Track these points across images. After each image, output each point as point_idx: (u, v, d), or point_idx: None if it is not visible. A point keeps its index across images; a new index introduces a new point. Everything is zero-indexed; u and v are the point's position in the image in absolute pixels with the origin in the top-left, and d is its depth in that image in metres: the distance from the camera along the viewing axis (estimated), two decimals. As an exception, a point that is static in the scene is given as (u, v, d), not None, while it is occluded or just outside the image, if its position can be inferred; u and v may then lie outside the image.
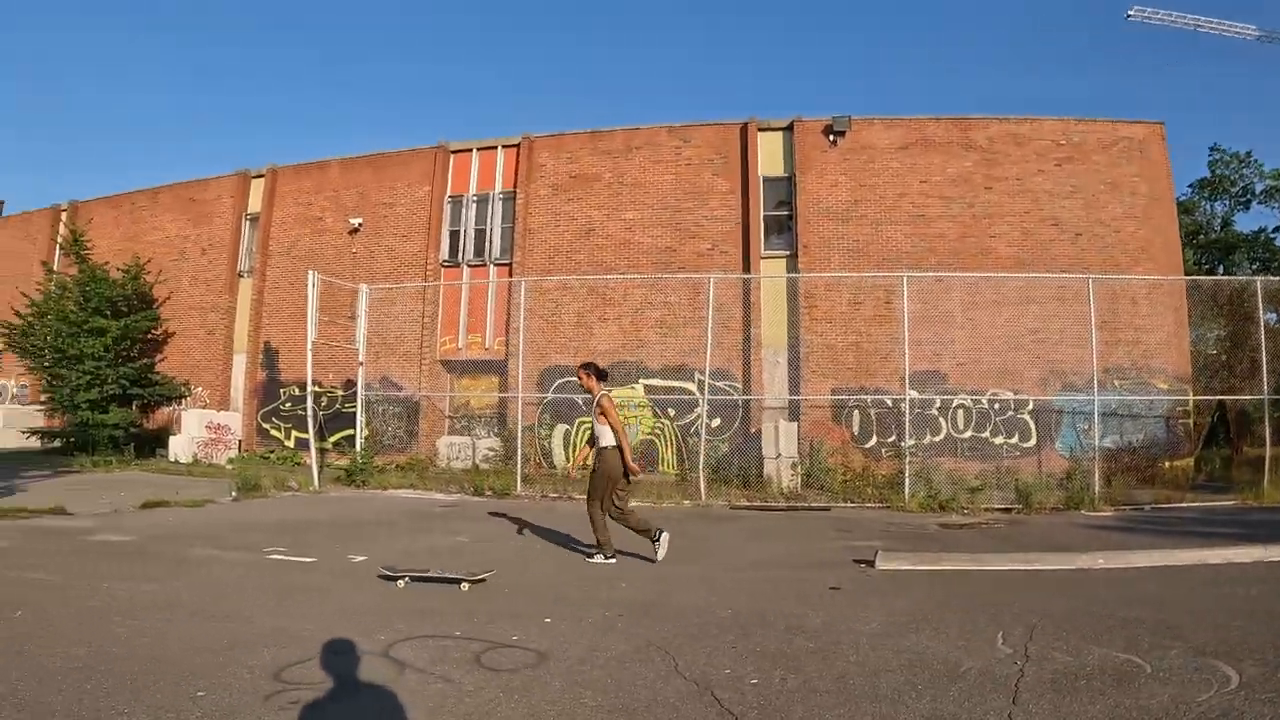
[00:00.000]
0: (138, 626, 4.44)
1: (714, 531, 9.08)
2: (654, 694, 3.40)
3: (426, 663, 3.83)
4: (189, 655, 3.87)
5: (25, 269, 24.49)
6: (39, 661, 3.70)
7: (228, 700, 3.26)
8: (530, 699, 3.34)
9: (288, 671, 3.65)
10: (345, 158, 19.96)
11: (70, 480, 13.86)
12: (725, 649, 4.11)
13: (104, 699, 3.22)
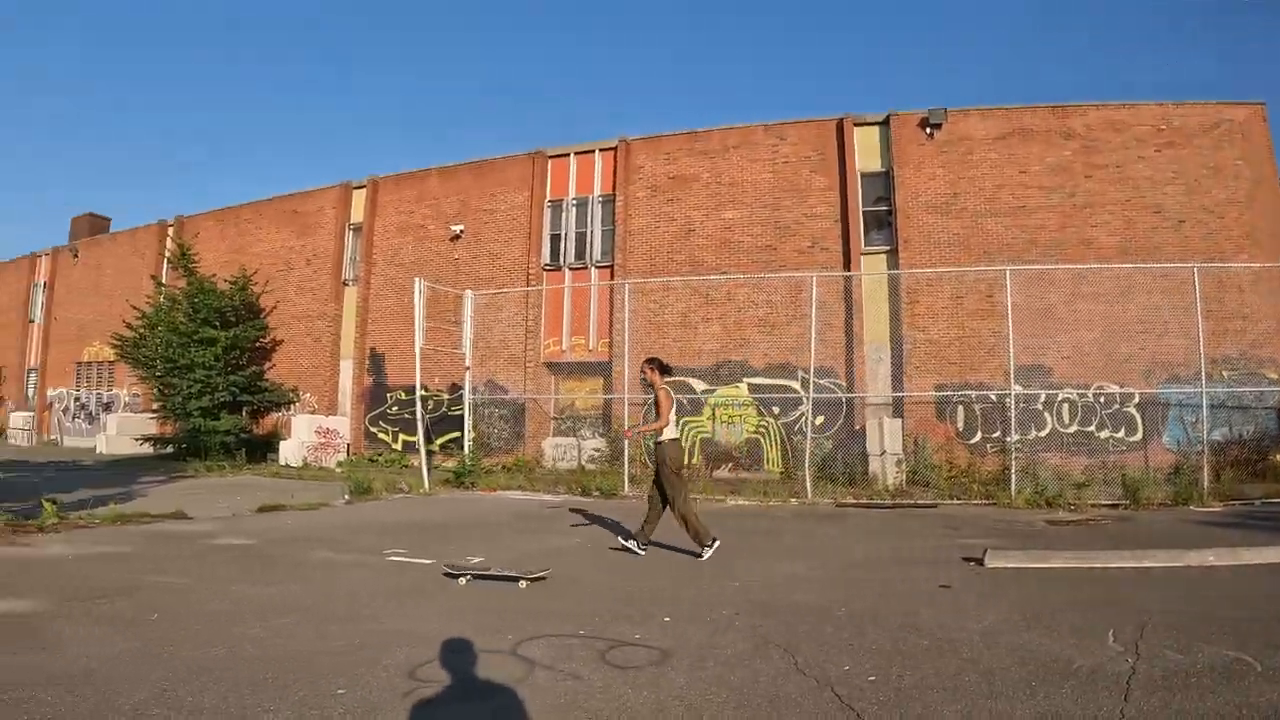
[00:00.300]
0: (270, 627, 4.90)
1: (822, 530, 9.94)
2: (776, 690, 3.76)
3: (553, 660, 4.24)
4: (323, 655, 4.29)
5: (135, 283, 28.12)
6: (182, 662, 4.12)
7: (368, 697, 3.61)
8: (658, 694, 3.71)
9: (421, 670, 4.04)
10: (444, 166, 22.51)
11: (185, 485, 15.47)
12: (842, 646, 4.53)
13: (249, 696, 3.60)
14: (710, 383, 18.04)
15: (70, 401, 32.08)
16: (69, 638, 4.61)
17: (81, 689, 3.68)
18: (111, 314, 27.83)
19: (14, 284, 35.48)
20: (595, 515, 11.18)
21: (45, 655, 4.22)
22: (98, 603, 5.54)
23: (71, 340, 31.96)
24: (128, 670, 4.00)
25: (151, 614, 5.23)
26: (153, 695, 3.62)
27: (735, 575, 6.78)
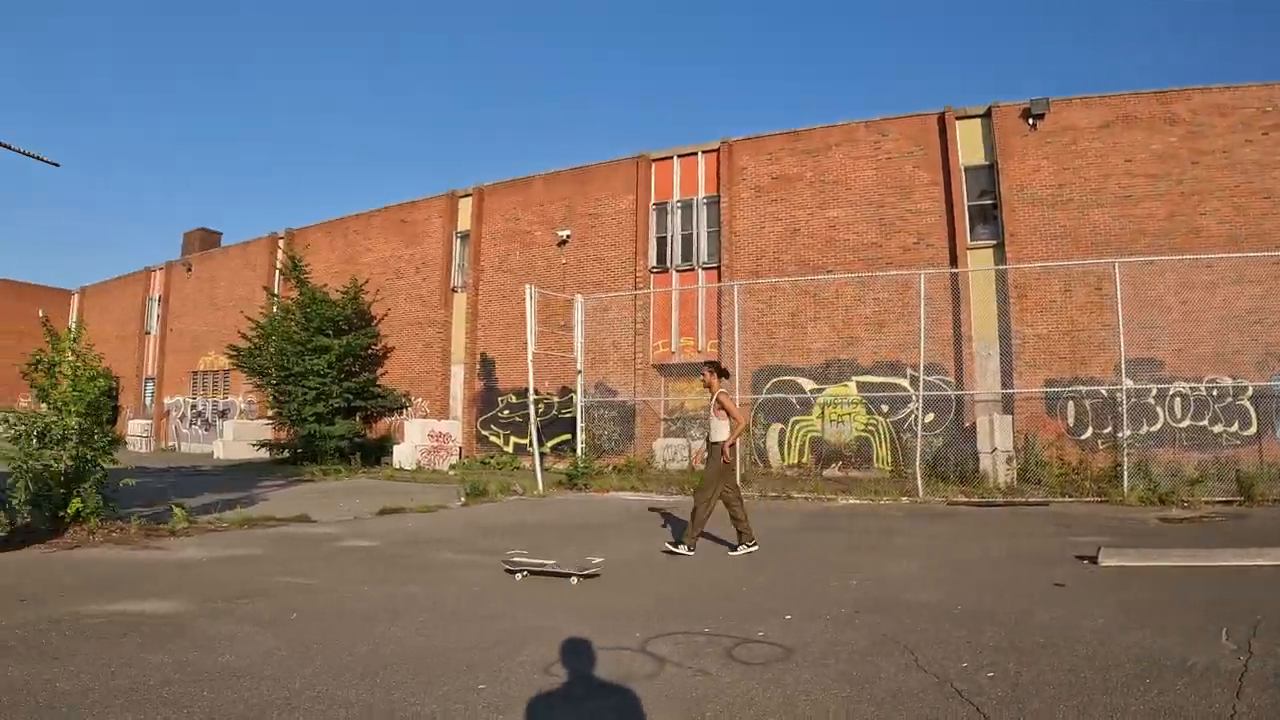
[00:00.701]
0: (405, 626, 5.57)
1: (934, 528, 10.91)
2: (897, 686, 4.22)
3: (682, 657, 4.81)
4: (460, 652, 4.90)
5: (247, 294, 32.23)
6: (326, 659, 4.68)
7: (508, 692, 4.13)
8: (784, 690, 4.19)
9: (555, 666, 4.61)
10: (548, 173, 25.57)
11: (304, 489, 17.35)
12: (960, 644, 5.03)
13: (395, 691, 4.11)
14: (819, 381, 20.32)
15: (187, 409, 36.75)
16: (215, 637, 5.26)
17: (234, 685, 4.24)
18: (225, 325, 32.13)
19: (130, 298, 40.59)
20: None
21: (197, 654, 4.83)
22: (238, 603, 6.29)
23: (186, 350, 36.55)
24: (275, 668, 4.57)
25: (290, 614, 5.96)
26: (303, 689, 4.17)
27: (852, 574, 7.59)
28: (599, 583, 7.24)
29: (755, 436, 20.67)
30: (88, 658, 4.73)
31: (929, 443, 18.29)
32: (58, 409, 9.84)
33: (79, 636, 5.23)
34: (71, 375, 10.11)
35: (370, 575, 7.62)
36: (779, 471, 19.66)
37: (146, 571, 7.70)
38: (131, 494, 11.45)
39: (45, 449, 9.60)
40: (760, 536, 9.96)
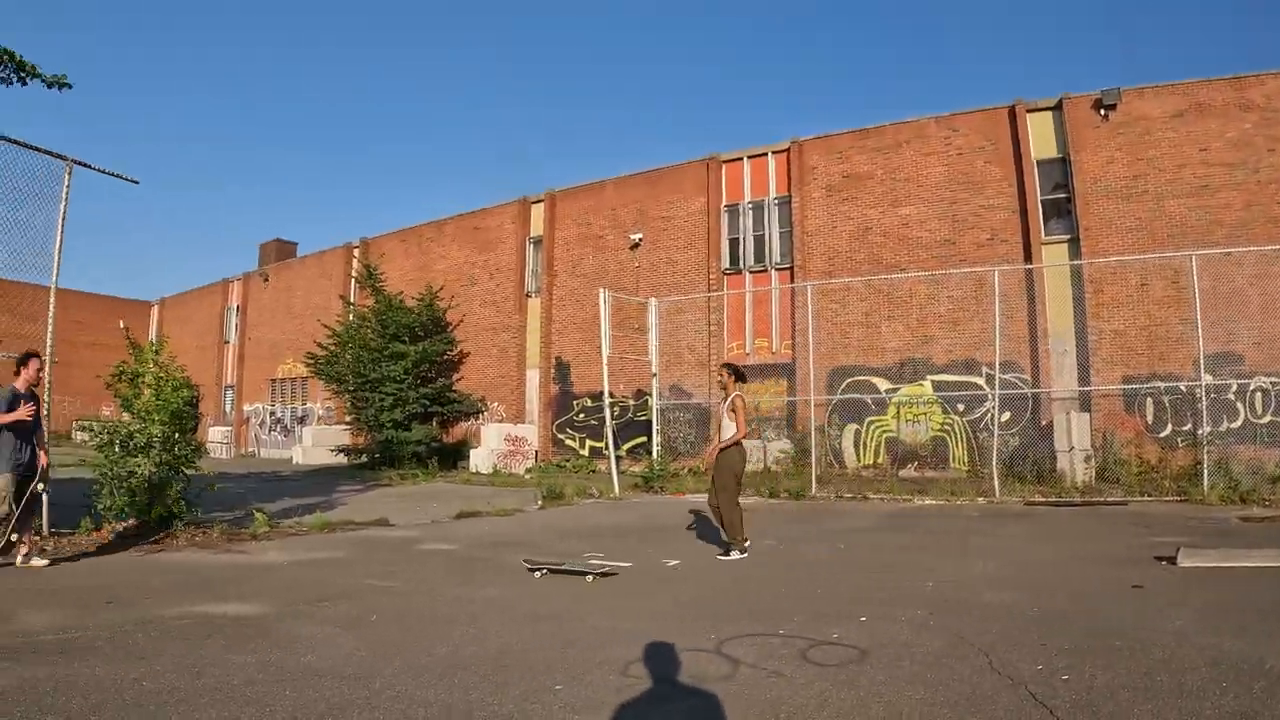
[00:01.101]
0: (484, 627, 5.93)
1: (1011, 529, 11.36)
2: (972, 688, 4.38)
3: (757, 659, 5.05)
4: (538, 652, 5.21)
5: (324, 303, 34.29)
6: (405, 660, 5.00)
7: (585, 693, 4.38)
8: (858, 692, 4.37)
9: (633, 667, 4.86)
10: (619, 177, 27.04)
11: (383, 493, 18.40)
12: (1034, 646, 5.23)
13: (473, 691, 4.38)
14: (894, 381, 21.32)
15: (266, 416, 39.15)
16: (297, 638, 5.60)
17: (317, 684, 4.53)
18: (302, 333, 34.31)
19: (208, 308, 43.28)
20: (786, 517, 13.33)
21: (280, 654, 5.13)
22: (319, 605, 6.67)
23: (264, 358, 38.91)
24: (356, 668, 4.88)
25: (371, 616, 6.34)
26: (383, 689, 4.46)
27: (929, 575, 7.90)
28: (675, 585, 7.72)
29: (830, 437, 21.71)
30: (173, 658, 5.05)
31: (1005, 442, 19.04)
32: (142, 418, 10.58)
33: (164, 637, 5.59)
34: (155, 385, 10.83)
35: (449, 578, 8.12)
36: (855, 472, 20.63)
37: (229, 575, 8.22)
38: (213, 499, 12.13)
39: (130, 457, 10.33)
40: (836, 538, 10.65)
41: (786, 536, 11.10)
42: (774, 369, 23.40)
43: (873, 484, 17.88)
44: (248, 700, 4.24)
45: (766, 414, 23.39)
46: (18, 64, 10.17)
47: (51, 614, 6.23)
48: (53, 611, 6.32)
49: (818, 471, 17.87)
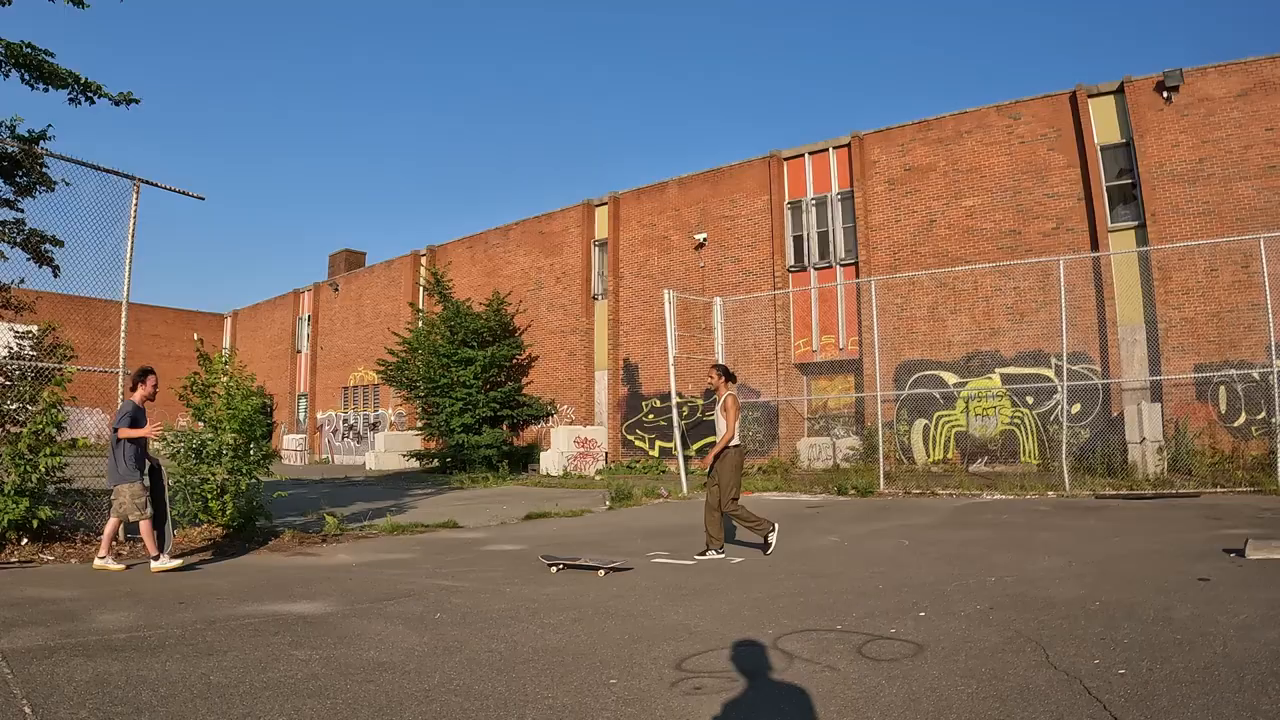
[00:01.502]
0: (546, 624, 6.28)
1: (1080, 523, 11.62)
2: (1025, 682, 4.57)
3: (812, 653, 5.31)
4: (596, 648, 5.56)
5: (393, 310, 36.23)
6: (466, 655, 5.40)
7: (638, 686, 4.70)
8: (910, 686, 4.59)
9: (688, 662, 5.19)
10: (681, 177, 28.35)
11: (453, 496, 19.31)
12: (1094, 640, 5.38)
13: (529, 685, 4.72)
14: (962, 375, 22.22)
15: (339, 423, 41.38)
16: (362, 635, 5.96)
17: (378, 678, 4.85)
18: (373, 341, 36.36)
19: (280, 319, 45.77)
20: (853, 513, 13.87)
21: (343, 650, 5.52)
22: (385, 604, 7.08)
23: (336, 366, 41.10)
24: (417, 663, 5.19)
25: (435, 614, 6.68)
26: (441, 683, 4.75)
27: (992, 570, 8.19)
28: (739, 581, 8.05)
29: (899, 433, 22.68)
30: (240, 654, 5.38)
31: (1076, 434, 19.85)
32: (214, 427, 11.22)
33: (233, 635, 5.92)
34: (225, 395, 11.46)
35: (514, 577, 8.48)
36: (924, 468, 21.60)
37: (298, 576, 8.66)
38: (286, 504, 12.85)
39: (202, 464, 11.02)
40: (901, 534, 11.10)
41: (851, 534, 11.58)
42: (841, 366, 24.43)
43: (941, 479, 18.68)
44: (310, 693, 4.56)
45: (835, 411, 24.42)
46: (83, 84, 11.46)
47: (125, 614, 6.67)
48: (126, 612, 6.76)
49: (886, 468, 18.75)
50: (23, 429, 9.85)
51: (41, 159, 11.20)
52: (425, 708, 4.33)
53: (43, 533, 9.74)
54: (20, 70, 11.18)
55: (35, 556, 9.28)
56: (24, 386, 10.92)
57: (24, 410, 10.43)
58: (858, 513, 14.08)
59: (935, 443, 22.45)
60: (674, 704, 4.42)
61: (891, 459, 21.88)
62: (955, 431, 22.27)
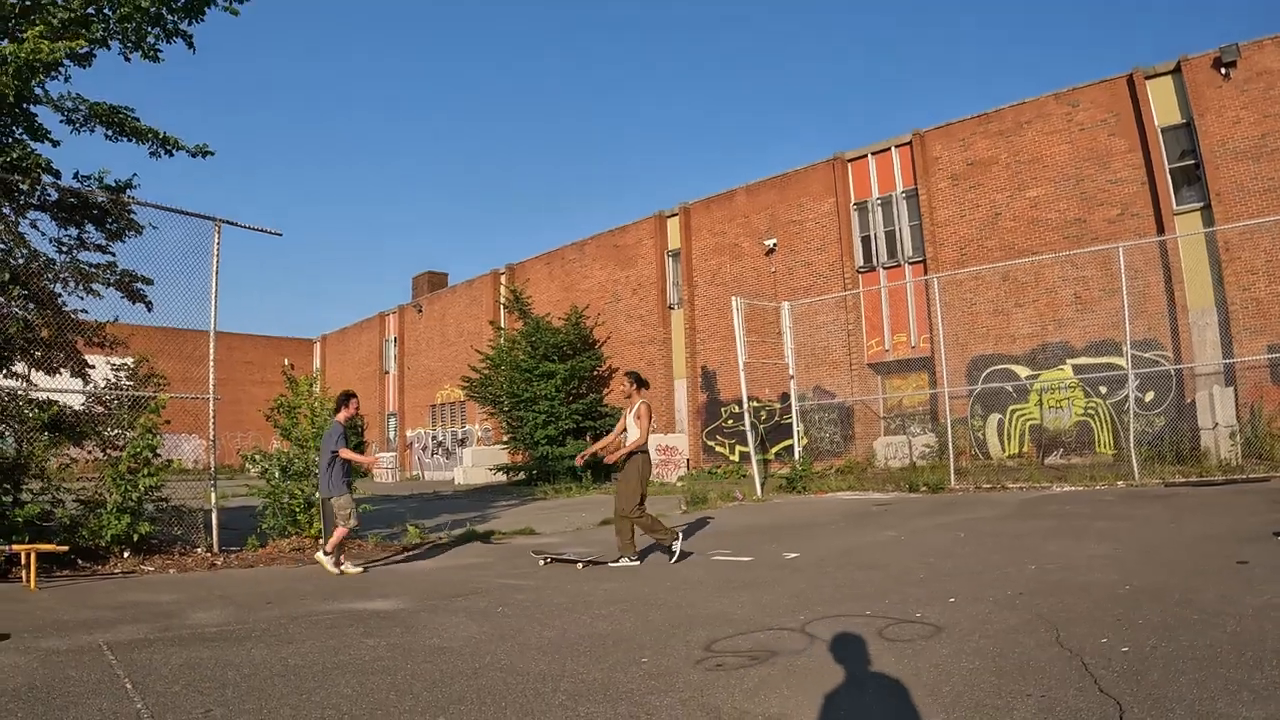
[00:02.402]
0: (598, 615, 7.21)
1: (1140, 511, 12.11)
2: (1027, 659, 5.07)
3: (834, 636, 6.01)
4: (638, 634, 6.41)
5: (476, 329, 38.27)
6: (518, 641, 6.31)
7: (666, 664, 5.48)
8: (916, 663, 5.16)
9: (717, 644, 5.99)
10: (748, 184, 29.78)
11: (536, 506, 20.83)
12: (1110, 621, 5.86)
13: (568, 663, 5.55)
14: (1033, 368, 23.01)
15: (428, 440, 43.64)
16: (427, 626, 6.94)
17: (435, 659, 5.76)
18: (457, 359, 38.50)
19: (368, 342, 48.50)
20: (920, 510, 14.61)
21: (408, 638, 6.51)
22: (453, 600, 8.09)
23: (423, 385, 43.44)
24: (473, 647, 6.10)
25: (498, 608, 7.59)
26: (491, 663, 5.61)
27: (1038, 558, 8.74)
28: (788, 574, 8.84)
29: (973, 429, 23.59)
30: (316, 642, 6.36)
31: (1150, 422, 20.57)
32: (300, 446, 12.58)
33: (311, 628, 6.94)
34: (310, 415, 12.78)
35: (578, 576, 9.53)
36: (1000, 462, 22.43)
37: (376, 579, 9.85)
38: (373, 518, 13.76)
39: (289, 481, 12.40)
40: (960, 527, 11.71)
41: (912, 528, 12.25)
42: (914, 364, 25.42)
43: (1012, 473, 19.48)
44: (374, 670, 5.47)
45: (911, 409, 25.42)
46: (162, 139, 12.82)
47: (216, 612, 7.71)
48: (218, 610, 7.82)
49: (959, 464, 19.56)
50: (122, 453, 11.50)
51: (128, 206, 12.70)
52: (472, 681, 5.17)
53: (142, 546, 11.27)
54: (103, 126, 12.61)
55: (137, 568, 10.67)
56: (122, 414, 12.59)
57: (123, 436, 12.04)
58: (925, 509, 14.83)
59: (1010, 437, 23.25)
60: (694, 678, 5.11)
61: (967, 454, 22.80)
62: (1029, 425, 23.05)
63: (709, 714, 4.53)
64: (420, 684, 5.18)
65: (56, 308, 12.29)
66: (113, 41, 12.41)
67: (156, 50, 12.83)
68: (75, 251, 12.55)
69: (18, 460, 10.87)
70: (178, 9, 12.61)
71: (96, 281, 12.66)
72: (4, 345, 11.67)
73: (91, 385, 12.95)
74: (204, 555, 11.62)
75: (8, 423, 11.40)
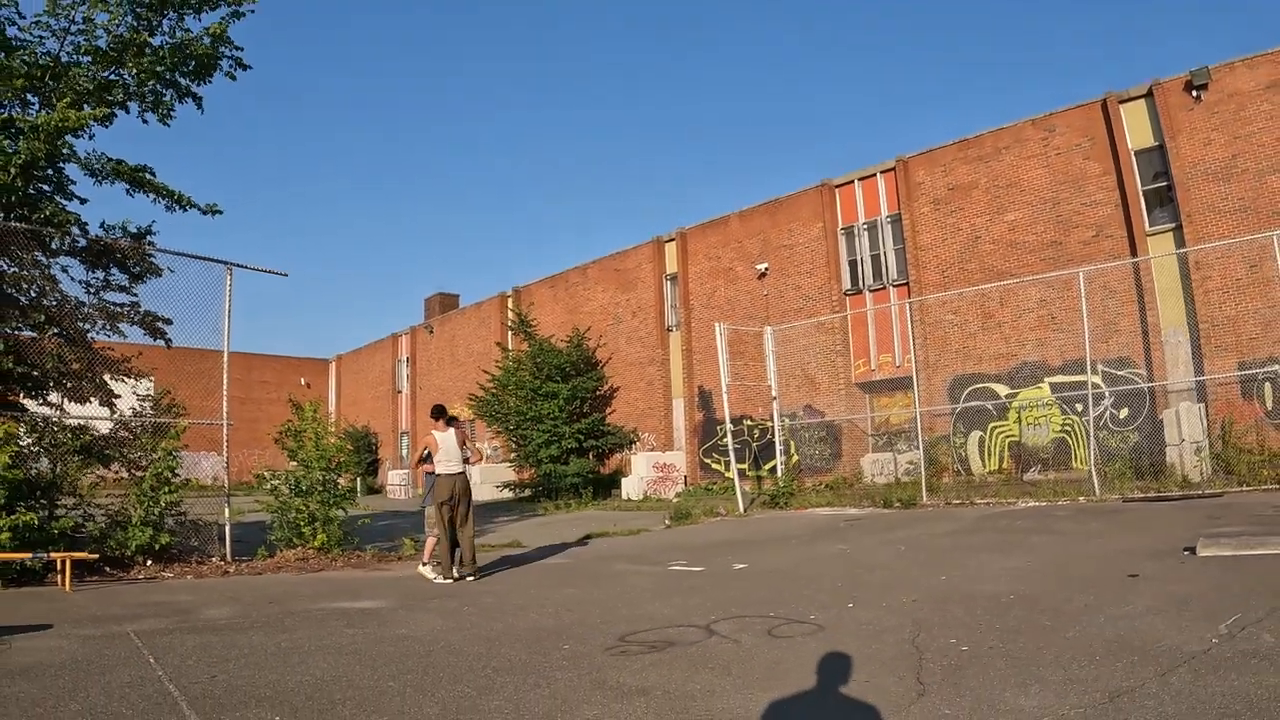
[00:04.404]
0: (547, 614, 8.29)
1: (1082, 526, 12.60)
2: (875, 653, 5.93)
3: (730, 632, 6.93)
4: (571, 628, 7.47)
5: (484, 350, 39.05)
6: (471, 633, 7.52)
7: (580, 650, 6.57)
8: (782, 653, 6.13)
9: (631, 636, 6.96)
10: (741, 210, 30.63)
11: (532, 521, 21.74)
12: (971, 625, 6.54)
13: (503, 649, 6.74)
14: (1013, 386, 23.54)
15: (439, 459, 44.10)
16: (401, 620, 8.22)
17: (399, 645, 7.03)
18: (466, 378, 39.35)
19: (381, 362, 49.48)
20: (886, 525, 15.14)
21: (382, 629, 7.77)
22: (428, 602, 9.34)
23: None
24: (432, 636, 7.34)
25: (465, 607, 8.76)
26: (443, 647, 6.89)
27: (954, 570, 9.47)
28: (726, 583, 9.81)
29: (956, 445, 24.06)
30: (306, 632, 7.60)
31: (1125, 438, 21.08)
32: (305, 465, 13.87)
33: (303, 621, 8.21)
34: (315, 439, 14.06)
35: (544, 582, 10.71)
36: (981, 478, 22.95)
37: (368, 584, 11.06)
38: (378, 531, 15.25)
39: (295, 498, 13.70)
40: (906, 542, 12.41)
41: (863, 543, 12.90)
42: (900, 383, 25.96)
43: (980, 489, 20.15)
44: (348, 651, 6.76)
45: (898, 427, 25.88)
46: (175, 197, 14.15)
47: (226, 609, 8.97)
48: (228, 608, 9.09)
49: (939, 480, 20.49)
50: (145, 472, 12.78)
51: (149, 253, 14.04)
52: (422, 659, 6.42)
53: (163, 555, 12.49)
54: (121, 181, 13.98)
55: (158, 574, 11.87)
56: (145, 439, 13.84)
57: (146, 457, 13.26)
58: (887, 524, 15.33)
59: (990, 453, 23.78)
60: (598, 660, 6.21)
61: (950, 471, 23.33)
62: (1009, 441, 23.59)
63: (596, 686, 5.58)
64: (381, 660, 6.48)
65: (86, 344, 13.63)
66: (131, 104, 13.76)
67: (171, 109, 14.14)
68: (101, 292, 13.86)
69: (53, 479, 12.12)
70: (189, 72, 13.99)
71: (122, 321, 13.94)
72: (40, 378, 13.09)
73: (118, 413, 14.20)
74: (218, 564, 12.81)
75: (44, 446, 12.65)
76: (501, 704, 5.22)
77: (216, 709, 5.20)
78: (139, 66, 13.18)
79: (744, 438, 28.34)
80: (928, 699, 4.84)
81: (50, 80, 12.72)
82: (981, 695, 4.80)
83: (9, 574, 10.53)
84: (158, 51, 13.31)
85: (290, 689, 5.65)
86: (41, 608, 8.96)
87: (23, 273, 12.91)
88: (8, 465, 10.60)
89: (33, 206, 12.70)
